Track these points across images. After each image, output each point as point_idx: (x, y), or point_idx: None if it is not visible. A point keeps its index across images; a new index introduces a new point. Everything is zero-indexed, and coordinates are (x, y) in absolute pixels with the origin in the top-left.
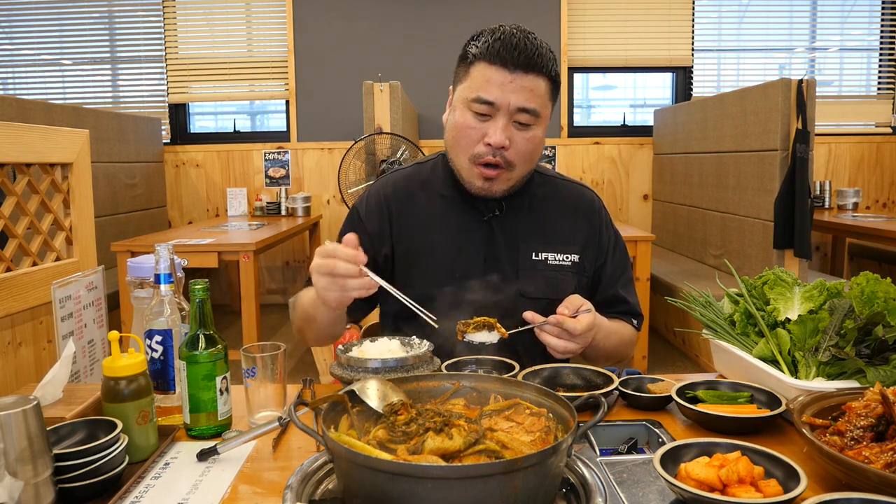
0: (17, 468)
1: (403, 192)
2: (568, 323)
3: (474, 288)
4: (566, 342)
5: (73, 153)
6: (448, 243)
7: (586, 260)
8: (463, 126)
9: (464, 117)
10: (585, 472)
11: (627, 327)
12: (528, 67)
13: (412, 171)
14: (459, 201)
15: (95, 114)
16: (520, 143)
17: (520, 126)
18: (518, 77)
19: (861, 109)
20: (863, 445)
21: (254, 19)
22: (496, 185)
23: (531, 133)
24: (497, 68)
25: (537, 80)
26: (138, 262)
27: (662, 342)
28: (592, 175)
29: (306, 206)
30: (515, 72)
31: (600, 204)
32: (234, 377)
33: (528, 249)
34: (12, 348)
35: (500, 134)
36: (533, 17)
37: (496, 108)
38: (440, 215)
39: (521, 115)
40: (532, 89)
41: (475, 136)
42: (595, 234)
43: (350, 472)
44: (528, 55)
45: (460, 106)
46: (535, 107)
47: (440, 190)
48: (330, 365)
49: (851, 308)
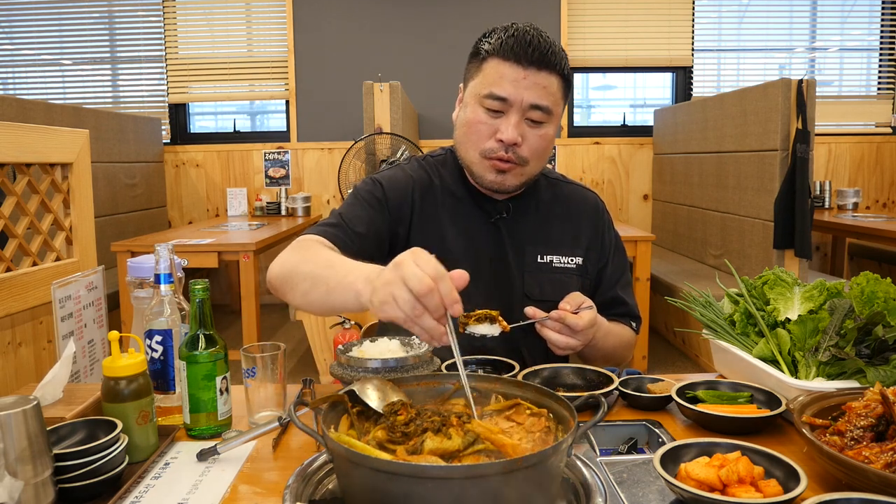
0: (17, 468)
1: (427, 181)
2: (570, 318)
3: (480, 288)
4: (567, 338)
5: (73, 153)
6: (457, 241)
7: (589, 262)
8: (474, 122)
9: (475, 113)
10: (585, 472)
11: (626, 329)
12: (542, 64)
13: (429, 164)
14: (468, 201)
15: (95, 114)
16: (532, 140)
17: (532, 123)
18: (531, 74)
19: (861, 109)
20: (863, 445)
21: (254, 19)
22: (509, 178)
23: (543, 130)
24: (510, 64)
25: (550, 78)
26: (138, 262)
27: (662, 342)
28: (592, 175)
29: (306, 206)
30: (529, 68)
31: (603, 207)
32: (234, 377)
33: (533, 252)
34: (12, 348)
35: (513, 130)
36: (533, 17)
37: (509, 105)
38: (452, 212)
39: (533, 113)
40: (545, 86)
41: (487, 132)
42: (598, 237)
43: (350, 472)
44: (542, 52)
45: (472, 102)
46: (547, 104)
47: (451, 187)
48: (330, 365)
49: (851, 308)
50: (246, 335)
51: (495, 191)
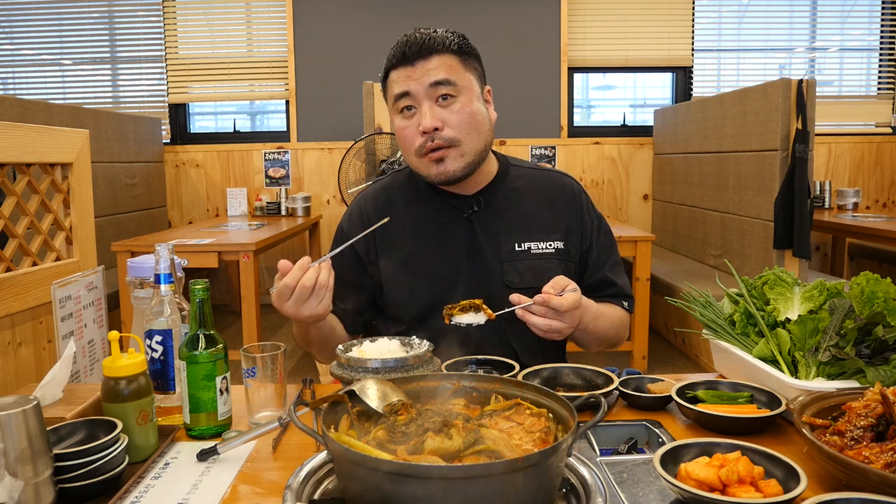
0: (17, 468)
1: (383, 202)
2: (554, 301)
3: (461, 284)
4: (551, 321)
5: (73, 153)
6: (431, 243)
7: (571, 245)
8: (399, 129)
9: (398, 121)
10: (585, 472)
11: (617, 309)
12: (424, 53)
13: (390, 181)
14: (437, 202)
15: (95, 114)
16: (451, 118)
17: (444, 101)
18: (419, 64)
19: (861, 109)
20: (863, 445)
21: (254, 19)
22: (449, 163)
23: (458, 104)
24: (401, 68)
25: (440, 59)
26: (138, 262)
27: (662, 342)
28: (592, 175)
29: (306, 206)
30: (416, 62)
31: (580, 189)
32: (234, 377)
33: (509, 241)
34: (12, 348)
35: (428, 117)
36: (533, 17)
37: (413, 97)
38: (420, 218)
39: (438, 90)
40: (436, 67)
41: (411, 133)
42: (577, 219)
43: (350, 472)
44: (420, 44)
45: (393, 116)
46: (445, 77)
47: (417, 195)
48: (330, 365)
49: (851, 308)
50: (246, 335)
51: (445, 182)
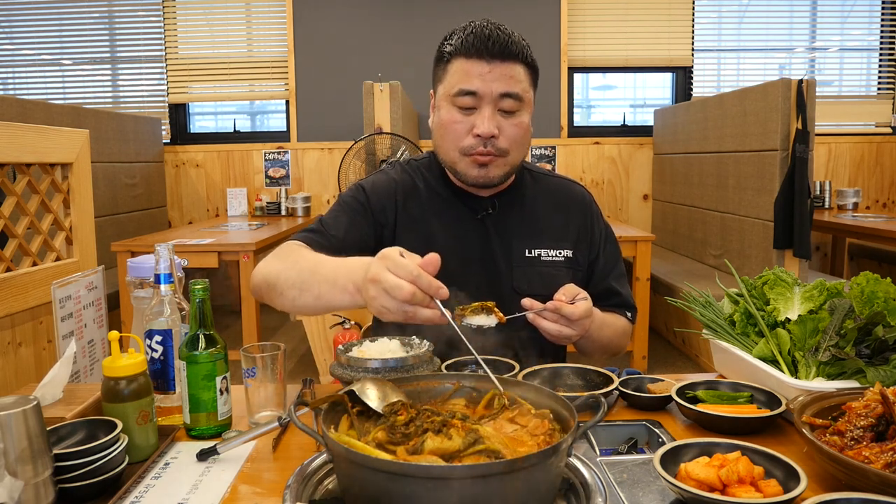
0: (17, 468)
1: (410, 182)
2: (566, 308)
3: (469, 285)
4: (561, 327)
5: (73, 153)
6: (445, 240)
7: (579, 254)
8: (450, 122)
9: (449, 113)
10: (585, 472)
11: (621, 319)
12: (505, 55)
13: (412, 167)
14: (453, 200)
15: (95, 114)
16: (508, 131)
17: (505, 114)
18: (496, 66)
19: (861, 109)
20: (863, 445)
21: (254, 19)
22: (492, 170)
23: (518, 119)
24: (475, 61)
25: (515, 67)
26: (138, 262)
27: (662, 342)
28: (592, 175)
29: (306, 206)
30: (493, 61)
31: (591, 198)
32: (234, 377)
33: (521, 246)
34: (12, 348)
35: (488, 123)
36: (533, 17)
37: (480, 99)
38: (437, 212)
39: (505, 102)
40: (512, 76)
41: (463, 129)
42: (587, 229)
43: (350, 472)
44: (503, 44)
45: (444, 104)
46: (517, 91)
47: (436, 188)
48: (330, 365)
49: (851, 308)
50: (246, 335)
51: (481, 185)
